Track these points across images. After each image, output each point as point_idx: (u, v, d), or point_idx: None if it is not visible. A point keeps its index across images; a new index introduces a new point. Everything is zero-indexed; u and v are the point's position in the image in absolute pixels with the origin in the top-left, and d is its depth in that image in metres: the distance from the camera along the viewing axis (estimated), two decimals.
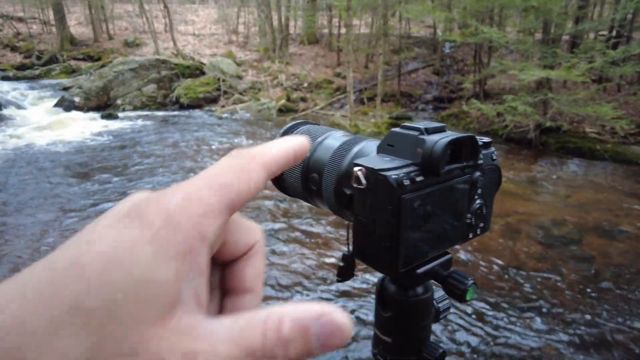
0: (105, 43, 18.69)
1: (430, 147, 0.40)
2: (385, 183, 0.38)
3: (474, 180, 0.46)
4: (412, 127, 0.42)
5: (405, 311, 0.49)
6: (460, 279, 0.46)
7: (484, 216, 0.49)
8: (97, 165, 7.13)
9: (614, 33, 11.63)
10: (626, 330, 3.29)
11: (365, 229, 0.42)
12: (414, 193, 0.40)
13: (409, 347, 0.50)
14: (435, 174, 0.41)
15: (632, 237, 4.96)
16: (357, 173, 0.40)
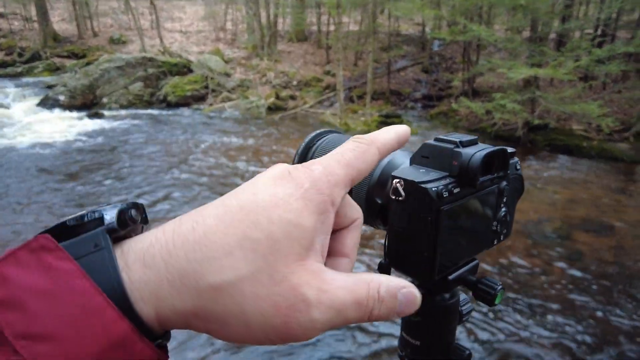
0: (90, 40, 18.37)
1: (467, 160, 0.41)
2: (425, 195, 0.39)
3: (502, 190, 0.48)
4: (448, 140, 0.44)
5: (434, 316, 0.51)
6: (491, 285, 0.48)
7: (507, 223, 0.52)
8: (83, 166, 7.00)
9: (599, 32, 11.80)
10: (613, 321, 3.33)
11: (401, 239, 0.43)
12: (452, 204, 0.41)
13: (436, 350, 0.52)
14: (472, 186, 0.42)
15: (618, 232, 5.04)
16: (396, 185, 0.41)
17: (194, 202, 5.46)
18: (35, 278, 0.24)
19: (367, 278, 0.31)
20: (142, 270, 0.27)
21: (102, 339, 0.24)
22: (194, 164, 7.12)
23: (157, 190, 5.83)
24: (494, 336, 3.18)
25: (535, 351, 3.03)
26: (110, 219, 0.28)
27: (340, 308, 0.29)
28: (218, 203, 0.30)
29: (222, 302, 0.27)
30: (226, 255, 0.27)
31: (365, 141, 0.35)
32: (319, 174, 0.31)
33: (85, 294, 0.24)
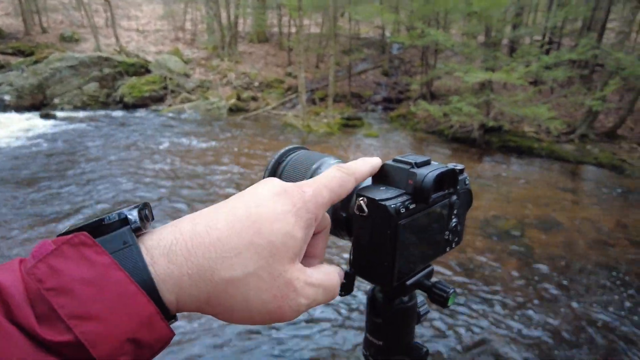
0: (39, 37, 17.42)
1: (421, 180, 0.47)
2: (385, 211, 0.44)
3: (452, 203, 0.54)
4: (404, 162, 0.49)
5: (394, 317, 0.56)
6: (444, 288, 0.54)
7: (458, 232, 0.58)
8: (35, 171, 6.62)
9: (547, 39, 12.48)
10: (563, 312, 3.54)
11: (364, 250, 0.48)
12: (408, 219, 0.46)
13: (397, 349, 0.57)
14: (425, 202, 0.48)
15: (566, 229, 5.34)
16: (360, 202, 0.46)
17: (157, 207, 5.32)
18: (81, 269, 0.29)
19: (328, 270, 0.42)
20: (166, 265, 0.33)
21: (135, 318, 0.30)
22: (154, 167, 6.92)
23: (117, 196, 5.64)
24: (454, 332, 3.30)
25: (491, 344, 3.17)
26: (134, 219, 0.34)
27: (316, 295, 0.39)
28: (226, 210, 0.37)
29: (231, 292, 0.35)
30: (236, 255, 0.35)
31: (347, 172, 0.43)
32: (309, 197, 0.39)
33: (122, 283, 0.30)
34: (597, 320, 3.51)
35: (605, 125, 10.16)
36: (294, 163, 0.59)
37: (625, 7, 12.20)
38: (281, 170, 0.59)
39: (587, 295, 3.88)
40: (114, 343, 0.29)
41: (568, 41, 13.43)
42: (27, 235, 4.46)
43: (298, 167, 0.59)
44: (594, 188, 7.38)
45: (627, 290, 3.99)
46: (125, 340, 0.29)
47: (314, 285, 0.39)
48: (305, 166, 0.58)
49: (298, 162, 0.59)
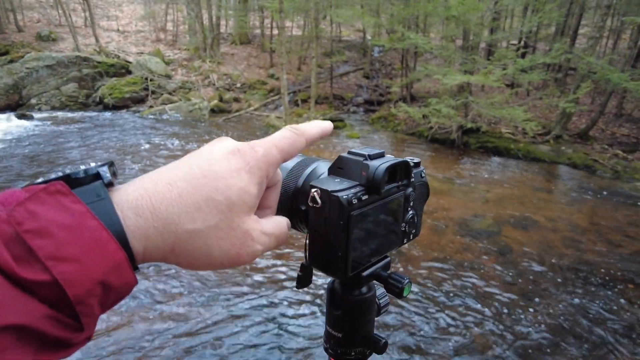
0: (14, 35, 16.98)
1: (373, 171, 0.48)
2: (337, 202, 0.45)
3: (407, 196, 0.55)
4: (358, 154, 0.50)
5: (353, 309, 0.56)
6: (399, 279, 0.54)
7: (415, 224, 0.59)
8: (9, 174, 6.52)
9: (523, 43, 12.82)
10: (535, 308, 3.69)
11: (319, 241, 0.49)
12: (361, 209, 0.47)
13: (356, 340, 0.57)
14: (377, 193, 0.49)
15: (542, 227, 5.53)
16: (314, 194, 0.47)
17: None
18: (58, 214, 0.31)
19: (279, 220, 0.47)
20: (135, 217, 0.35)
21: (107, 263, 0.32)
22: (134, 170, 6.87)
23: None
24: (428, 329, 3.40)
25: (472, 340, 3.28)
26: (105, 174, 0.36)
27: (270, 241, 0.44)
28: (183, 168, 0.40)
29: (193, 242, 0.38)
30: (197, 210, 0.38)
31: (297, 132, 0.46)
32: (260, 155, 0.42)
33: (96, 229, 0.32)
34: (571, 315, 3.66)
35: (578, 127, 10.51)
36: None
37: (596, 13, 12.66)
38: None
39: (561, 291, 4.04)
40: (87, 284, 0.31)
41: (543, 45, 13.83)
42: None
43: None
44: (568, 187, 7.63)
45: (599, 285, 4.16)
46: (97, 283, 0.31)
47: (267, 234, 0.43)
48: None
49: None
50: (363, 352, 0.57)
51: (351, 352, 0.57)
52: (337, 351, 0.57)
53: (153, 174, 0.40)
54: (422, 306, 3.64)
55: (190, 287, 3.72)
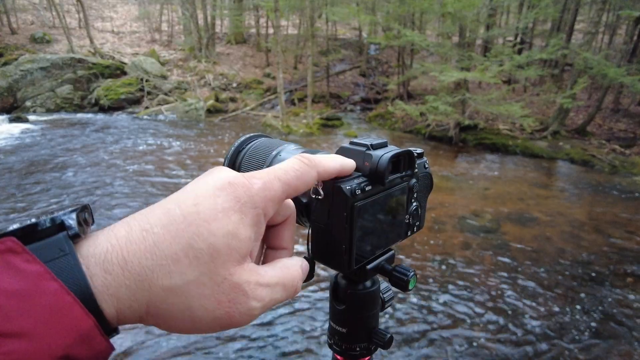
0: (7, 38, 16.89)
1: (377, 161, 0.46)
2: (340, 193, 0.43)
3: (411, 187, 0.53)
4: (360, 144, 0.48)
5: (356, 303, 0.55)
6: (404, 272, 0.52)
7: (419, 216, 0.57)
8: (5, 176, 6.47)
9: (519, 39, 12.82)
10: (534, 303, 3.67)
11: (322, 233, 0.47)
12: (364, 201, 0.45)
13: (361, 336, 0.56)
14: (381, 184, 0.47)
15: (540, 223, 5.52)
16: (316, 185, 0.45)
17: (131, 211, 5.25)
18: (5, 280, 0.26)
19: (287, 264, 0.39)
20: (103, 275, 0.30)
21: (71, 333, 0.27)
22: (131, 172, 6.83)
23: (92, 203, 5.55)
24: (428, 323, 3.38)
25: (471, 334, 3.26)
26: (71, 224, 0.31)
27: (272, 295, 0.36)
28: (163, 211, 0.33)
29: (171, 301, 0.32)
30: (174, 262, 0.31)
31: (309, 163, 0.39)
32: (257, 190, 0.35)
33: (56, 294, 0.27)
34: (570, 310, 3.65)
35: (575, 122, 10.53)
36: (253, 151, 0.58)
37: (592, 9, 12.66)
38: (240, 158, 0.58)
39: (560, 285, 4.03)
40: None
41: (539, 41, 13.84)
42: None
43: (257, 154, 0.57)
44: (566, 183, 7.63)
45: (599, 279, 4.15)
46: (60, 358, 0.26)
47: (268, 285, 0.35)
48: (264, 153, 0.56)
49: (257, 149, 0.57)
50: (368, 347, 0.56)
51: (356, 347, 0.56)
52: (342, 347, 0.56)
53: (130, 217, 0.33)
54: (420, 302, 3.61)
55: None
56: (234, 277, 0.33)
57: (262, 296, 0.35)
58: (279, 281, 0.37)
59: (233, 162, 0.58)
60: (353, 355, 0.56)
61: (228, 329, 0.35)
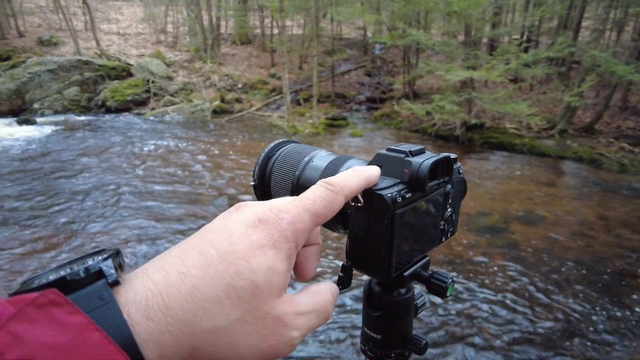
0: (15, 41, 17.03)
1: (417, 168, 0.46)
2: (381, 201, 0.44)
3: (447, 193, 0.53)
4: (399, 150, 0.49)
5: (392, 310, 0.55)
6: (442, 278, 0.52)
7: (453, 222, 0.57)
8: (15, 178, 6.52)
9: (525, 37, 12.74)
10: (544, 303, 3.65)
11: (361, 241, 0.47)
12: (404, 208, 0.45)
13: (396, 342, 0.56)
14: (421, 191, 0.47)
15: (549, 222, 5.48)
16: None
17: (146, 214, 5.28)
18: (49, 334, 0.25)
19: (317, 290, 0.40)
20: (145, 322, 0.30)
21: None
22: (141, 174, 6.86)
23: (103, 208, 5.58)
24: (446, 324, 3.37)
25: (483, 335, 3.25)
26: (108, 271, 0.31)
27: (309, 322, 0.37)
28: (197, 252, 0.33)
29: (216, 342, 0.32)
30: (216, 304, 0.32)
31: (335, 189, 0.39)
32: (287, 224, 0.35)
33: (100, 344, 0.26)
34: (578, 311, 3.62)
35: (583, 121, 10.44)
36: (284, 157, 0.58)
37: (599, 5, 12.55)
38: (271, 165, 0.58)
39: (570, 286, 4.00)
40: None
41: (545, 39, 13.73)
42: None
43: (288, 161, 0.57)
44: (574, 182, 7.58)
45: (608, 280, 4.12)
46: None
47: (305, 313, 0.36)
48: (295, 160, 0.57)
49: (289, 155, 0.58)
50: (402, 353, 0.56)
51: (391, 353, 0.56)
52: (376, 353, 0.56)
53: (161, 260, 0.34)
54: (434, 302, 3.60)
55: None
56: (274, 310, 0.34)
57: (301, 325, 0.36)
58: (313, 308, 0.38)
59: (263, 169, 0.58)
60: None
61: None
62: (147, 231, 4.70)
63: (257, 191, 0.61)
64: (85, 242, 4.44)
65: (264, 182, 0.60)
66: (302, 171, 0.56)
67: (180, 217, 5.10)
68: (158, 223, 4.90)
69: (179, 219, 5.05)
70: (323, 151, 0.58)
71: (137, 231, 4.67)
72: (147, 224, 4.86)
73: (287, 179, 0.57)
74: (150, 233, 4.66)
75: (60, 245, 4.36)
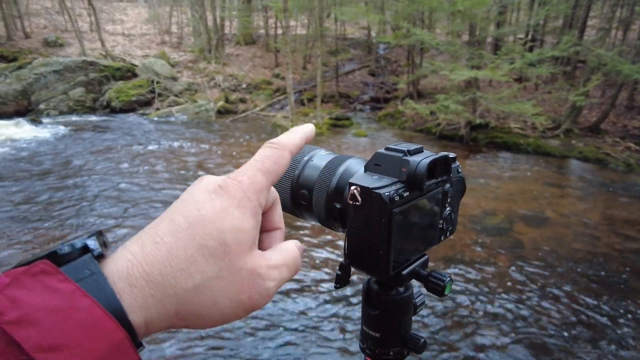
0: (22, 42, 17.14)
1: (414, 167, 0.46)
2: (379, 199, 0.44)
3: (445, 192, 0.53)
4: (397, 150, 0.49)
5: (390, 309, 0.55)
6: (440, 277, 0.52)
7: (452, 221, 0.57)
8: (22, 177, 6.57)
9: (530, 37, 12.67)
10: (549, 303, 3.63)
11: (359, 240, 0.47)
12: (402, 207, 0.45)
13: (394, 340, 0.56)
14: (419, 190, 0.47)
15: (554, 223, 5.45)
16: (354, 191, 0.45)
17: (154, 214, 5.30)
18: (44, 298, 0.28)
19: (286, 247, 0.42)
20: (129, 289, 0.32)
21: (104, 346, 0.28)
22: (145, 174, 6.89)
23: (109, 207, 5.61)
24: (448, 325, 3.36)
25: (485, 333, 3.24)
26: (94, 246, 0.33)
27: (281, 274, 0.39)
28: (168, 221, 0.36)
29: (197, 299, 0.34)
30: (192, 264, 0.34)
31: (279, 146, 0.42)
32: (246, 185, 0.38)
33: (90, 309, 0.29)
34: (585, 312, 3.60)
35: (589, 120, 10.37)
36: None
37: (605, 4, 12.47)
38: None
39: (575, 287, 3.97)
40: None
41: (550, 39, 13.66)
42: (15, 246, 4.43)
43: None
44: (579, 182, 7.53)
45: (614, 281, 4.09)
46: None
47: (276, 267, 0.39)
48: (295, 159, 0.57)
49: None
50: (401, 351, 0.56)
51: (389, 352, 0.56)
52: (375, 351, 0.56)
53: (137, 235, 0.36)
54: (431, 304, 3.59)
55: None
56: (248, 264, 0.36)
57: (274, 276, 0.38)
58: (284, 262, 0.40)
59: None
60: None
61: (252, 312, 0.38)
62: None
63: None
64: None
65: None
66: (301, 170, 0.57)
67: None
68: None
69: None
70: (322, 150, 0.58)
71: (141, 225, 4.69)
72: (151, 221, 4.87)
73: (287, 178, 0.57)
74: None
75: (68, 241, 4.38)
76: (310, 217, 0.58)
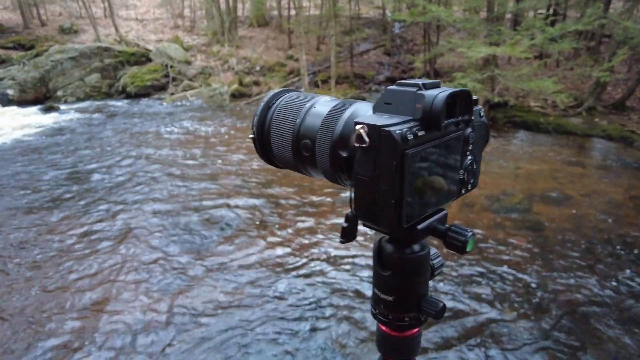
0: (38, 30, 17.32)
1: (431, 102, 0.40)
2: (389, 139, 0.38)
3: (467, 137, 0.47)
4: (410, 84, 0.42)
5: (404, 268, 0.49)
6: (461, 231, 0.46)
7: (474, 172, 0.51)
8: (44, 164, 6.69)
9: (552, 11, 12.21)
10: (572, 287, 3.55)
11: (368, 188, 0.41)
12: (417, 148, 0.40)
13: (410, 304, 0.50)
14: (437, 128, 0.41)
15: (575, 202, 5.31)
16: (360, 131, 0.39)
17: (171, 198, 5.34)
18: None
19: None
20: None
21: None
22: (163, 156, 6.95)
23: (130, 189, 5.68)
24: (465, 308, 3.32)
25: (505, 317, 3.19)
26: None
27: None
28: None
29: None
30: None
31: None
32: None
33: None
34: (608, 293, 3.51)
35: (613, 97, 10.01)
36: (284, 105, 0.53)
37: None
38: (271, 114, 0.54)
39: (598, 268, 3.87)
40: None
41: (573, 12, 13.14)
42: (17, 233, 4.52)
43: (290, 108, 0.52)
44: (602, 161, 7.30)
45: (638, 261, 3.98)
46: None
47: None
48: (297, 106, 0.52)
49: (289, 103, 0.53)
50: (417, 317, 0.51)
51: (404, 317, 0.50)
52: (388, 316, 0.50)
53: None
54: (451, 284, 3.55)
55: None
56: None
57: None
58: None
59: (262, 120, 0.54)
60: (401, 327, 0.51)
61: None
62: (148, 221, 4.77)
63: (257, 144, 0.57)
64: (116, 221, 4.54)
65: (263, 134, 0.55)
66: (303, 119, 0.51)
67: (201, 194, 5.15)
68: (180, 201, 4.96)
69: (199, 196, 5.10)
70: (326, 97, 0.52)
71: (161, 207, 4.75)
72: (169, 204, 4.93)
73: (288, 128, 0.52)
74: (173, 210, 4.73)
75: (92, 223, 4.47)
76: (315, 172, 0.52)
